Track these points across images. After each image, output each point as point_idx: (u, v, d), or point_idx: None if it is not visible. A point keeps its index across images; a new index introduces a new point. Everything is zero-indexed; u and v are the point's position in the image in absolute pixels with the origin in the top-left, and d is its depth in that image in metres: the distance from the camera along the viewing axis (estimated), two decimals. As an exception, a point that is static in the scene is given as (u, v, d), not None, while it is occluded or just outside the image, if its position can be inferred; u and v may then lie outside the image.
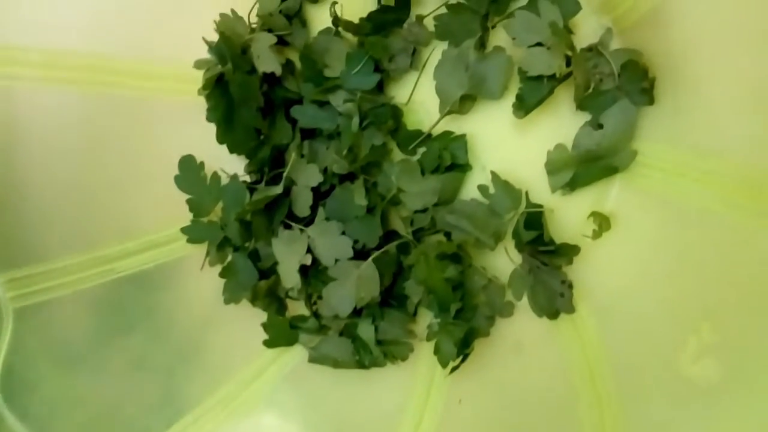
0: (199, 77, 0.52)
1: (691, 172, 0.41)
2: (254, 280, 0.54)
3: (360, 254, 0.50)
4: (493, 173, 0.49)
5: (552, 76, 0.45)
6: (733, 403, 0.34)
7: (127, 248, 0.55)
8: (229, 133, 0.52)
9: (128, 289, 0.55)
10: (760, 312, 0.34)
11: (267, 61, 0.52)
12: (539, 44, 0.46)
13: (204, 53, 0.53)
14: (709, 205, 0.40)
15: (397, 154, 0.53)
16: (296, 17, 0.54)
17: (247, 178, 0.56)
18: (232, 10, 0.53)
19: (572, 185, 0.48)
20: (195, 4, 0.53)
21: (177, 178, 0.55)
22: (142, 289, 0.55)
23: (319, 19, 0.54)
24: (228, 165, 0.54)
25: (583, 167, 0.47)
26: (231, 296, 0.54)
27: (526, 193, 0.49)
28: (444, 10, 0.50)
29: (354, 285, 0.49)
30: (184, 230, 0.55)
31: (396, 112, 0.52)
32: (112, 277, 0.54)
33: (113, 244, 0.54)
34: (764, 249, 0.35)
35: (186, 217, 0.55)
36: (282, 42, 0.54)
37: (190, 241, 0.55)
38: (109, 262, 0.54)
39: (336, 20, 0.52)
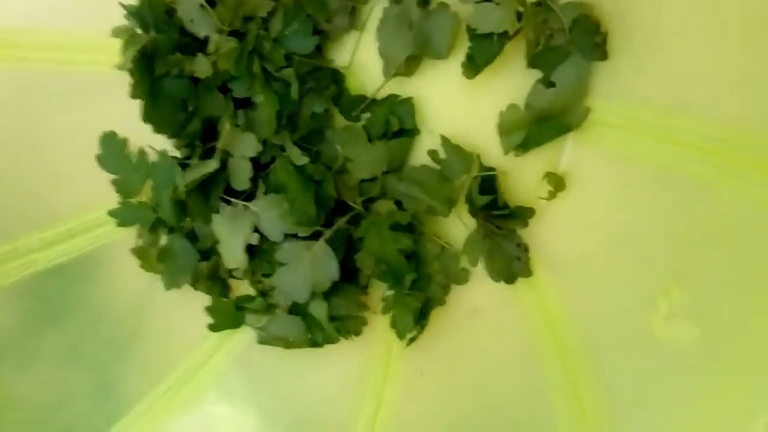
0: (114, 45, 0.48)
1: (649, 128, 0.40)
2: (194, 262, 0.51)
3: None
4: (443, 137, 0.47)
5: (503, 34, 0.43)
6: (712, 364, 0.34)
7: (47, 237, 0.50)
8: (154, 109, 0.48)
9: (53, 280, 0.51)
10: (729, 269, 0.34)
11: (202, 24, 0.47)
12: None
13: (120, 19, 0.48)
14: (668, 161, 0.39)
15: (341, 121, 0.50)
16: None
17: (177, 153, 0.51)
18: (148, -31, 0.48)
19: (525, 146, 0.46)
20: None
21: (99, 157, 0.50)
22: (69, 280, 0.51)
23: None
24: (155, 139, 0.50)
25: (536, 127, 0.46)
26: (171, 281, 0.51)
27: (478, 156, 0.47)
28: (382, -37, 0.47)
29: (308, 268, 0.46)
30: (112, 213, 0.51)
31: (337, 77, 0.49)
32: (33, 269, 0.49)
33: (32, 234, 0.50)
34: (729, 205, 0.34)
35: (112, 200, 0.50)
36: (209, 2, 0.49)
37: (120, 224, 0.51)
38: (29, 253, 0.50)
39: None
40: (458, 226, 0.49)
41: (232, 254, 0.49)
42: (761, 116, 0.33)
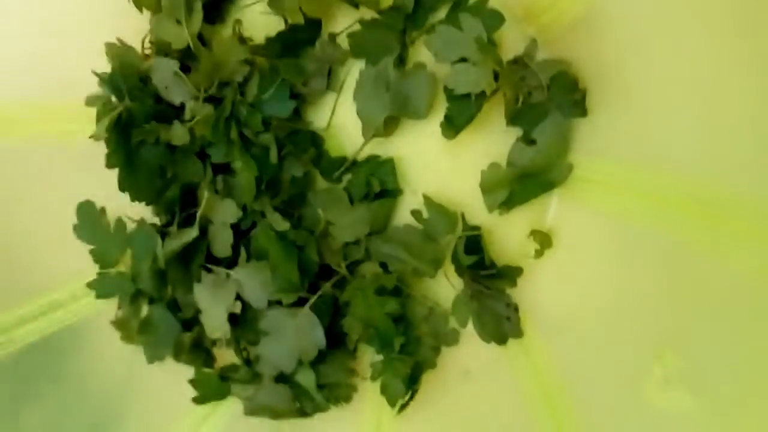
0: (88, 114, 0.47)
1: (632, 186, 0.39)
2: (176, 333, 0.49)
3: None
4: (425, 196, 0.46)
5: (481, 94, 0.42)
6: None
7: (26, 314, 0.49)
8: (131, 177, 0.47)
9: (32, 358, 0.49)
10: (719, 333, 0.33)
11: (177, 91, 0.47)
12: (463, 59, 0.43)
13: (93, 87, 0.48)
14: (651, 219, 0.38)
15: (321, 183, 0.49)
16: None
17: (156, 220, 0.50)
18: (119, 39, 0.47)
19: (509, 204, 0.46)
20: (75, 36, 0.48)
21: (76, 228, 0.49)
22: (49, 357, 0.49)
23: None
24: (133, 207, 0.49)
25: (519, 184, 0.45)
26: (153, 354, 0.49)
27: (462, 215, 0.46)
28: (358, 26, 0.46)
29: (293, 337, 0.45)
30: (90, 285, 0.49)
31: (316, 139, 0.48)
32: (10, 348, 0.48)
33: (10, 311, 0.48)
34: (709, 265, 0.33)
35: (91, 271, 0.49)
36: (183, 68, 0.49)
37: (99, 296, 0.50)
38: (6, 331, 0.48)
39: (242, 40, 0.47)
40: (446, 286, 0.48)
41: (215, 324, 0.48)
42: (739, 175, 0.32)
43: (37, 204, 0.50)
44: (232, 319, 0.48)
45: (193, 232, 0.47)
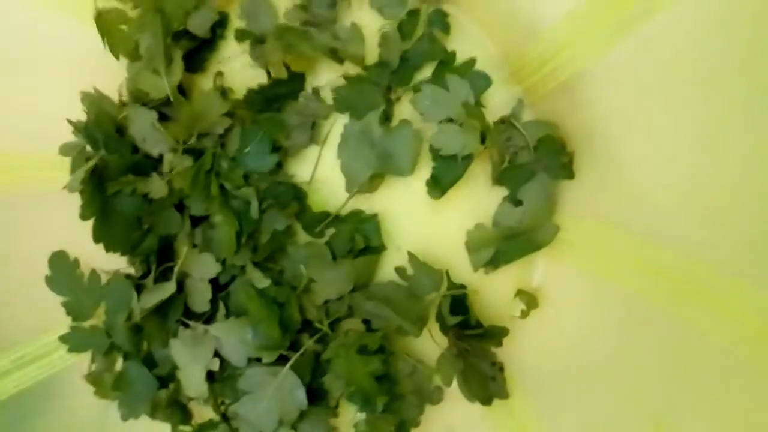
0: (61, 162, 0.46)
1: (619, 249, 0.39)
2: (153, 389, 0.48)
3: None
4: (410, 254, 0.46)
5: (467, 155, 0.42)
6: None
7: (-3, 368, 0.47)
8: (106, 228, 0.45)
9: (3, 415, 0.47)
10: (706, 404, 0.32)
11: (155, 142, 0.46)
12: (450, 120, 0.42)
13: (68, 137, 0.46)
14: (632, 284, 0.38)
15: (303, 237, 0.48)
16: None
17: (131, 271, 0.49)
18: (95, 88, 0.46)
19: (495, 263, 0.45)
20: (50, 84, 0.46)
21: (49, 279, 0.48)
22: (21, 413, 0.47)
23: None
24: (108, 257, 0.47)
25: (505, 244, 0.45)
26: (128, 411, 0.48)
27: (447, 273, 0.45)
28: (342, 81, 0.45)
29: (274, 397, 0.44)
30: (62, 338, 0.48)
31: (298, 193, 0.47)
32: (-22, 408, 0.46)
33: (-22, 366, 0.46)
34: (700, 337, 0.33)
35: (65, 323, 0.47)
36: (161, 117, 0.47)
37: (72, 350, 0.48)
38: (-26, 389, 0.46)
39: (224, 93, 0.46)
40: (430, 343, 0.47)
41: (193, 381, 0.47)
42: (719, 250, 0.32)
43: (9, 254, 0.48)
44: (210, 375, 0.47)
45: (170, 288, 0.46)
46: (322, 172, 0.47)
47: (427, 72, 0.45)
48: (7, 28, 0.46)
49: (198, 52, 0.47)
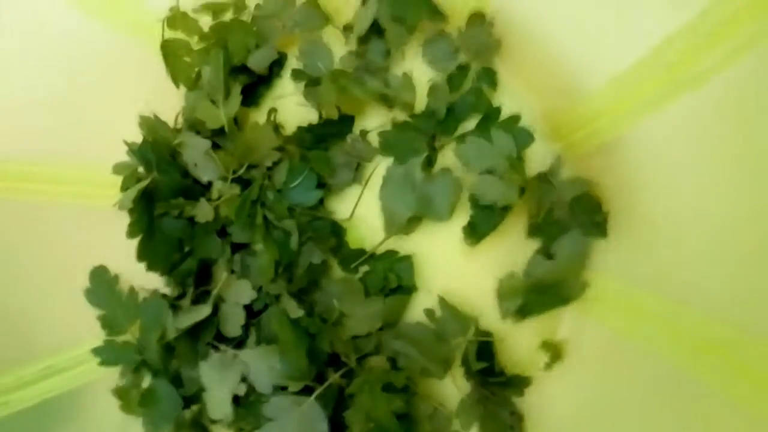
0: (112, 181, 0.48)
1: (647, 310, 0.40)
2: (178, 409, 0.49)
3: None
4: (440, 297, 0.47)
5: (505, 206, 0.43)
6: None
7: (25, 376, 0.48)
8: (150, 248, 0.47)
9: (27, 423, 0.47)
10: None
11: (206, 170, 0.48)
12: (490, 171, 0.44)
13: (119, 156, 0.49)
14: (664, 347, 0.39)
15: (337, 272, 0.49)
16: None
17: (168, 291, 0.51)
18: (155, 115, 0.49)
19: (523, 313, 0.46)
20: (106, 102, 0.49)
21: (87, 292, 0.49)
22: (45, 423, 0.48)
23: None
24: (142, 276, 0.49)
25: (534, 295, 0.46)
26: (153, 429, 0.49)
27: (476, 319, 0.46)
28: (389, 126, 0.47)
29: (296, 426, 0.44)
30: (95, 351, 0.49)
31: (337, 229, 0.49)
32: (6, 412, 0.47)
33: (10, 371, 0.47)
34: (725, 406, 0.34)
35: (94, 337, 0.49)
36: (213, 146, 0.50)
37: (103, 363, 0.49)
38: (3, 394, 0.47)
39: (276, 128, 0.49)
40: (451, 387, 0.48)
41: (218, 405, 0.47)
42: (750, 319, 0.33)
43: (48, 265, 0.50)
44: (235, 399, 0.48)
45: (205, 310, 0.47)
46: (362, 210, 0.49)
47: (471, 124, 0.47)
48: (73, 46, 0.49)
49: (255, 87, 0.50)
